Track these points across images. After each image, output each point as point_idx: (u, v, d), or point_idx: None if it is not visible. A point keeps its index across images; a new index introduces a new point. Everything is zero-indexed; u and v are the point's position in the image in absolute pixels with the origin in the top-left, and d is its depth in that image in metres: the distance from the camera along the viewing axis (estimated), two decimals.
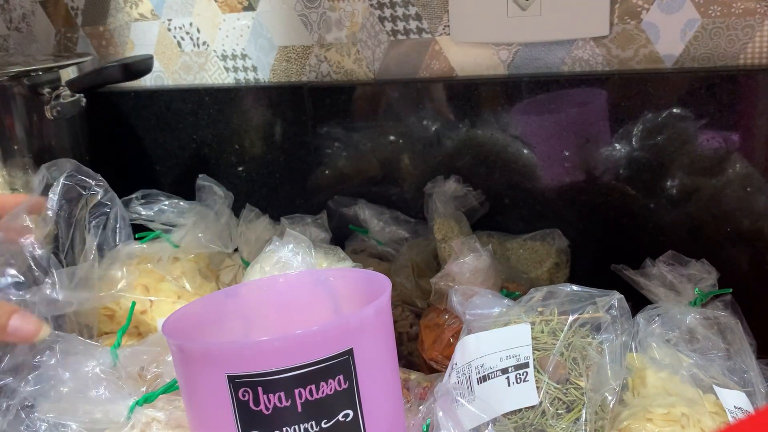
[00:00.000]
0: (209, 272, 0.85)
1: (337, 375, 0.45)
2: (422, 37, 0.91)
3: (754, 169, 0.76)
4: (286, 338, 0.45)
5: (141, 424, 0.58)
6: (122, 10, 1.08)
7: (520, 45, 0.86)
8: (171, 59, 1.07)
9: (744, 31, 0.77)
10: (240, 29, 1.01)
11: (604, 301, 0.57)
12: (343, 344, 0.45)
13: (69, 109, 0.91)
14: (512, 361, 0.56)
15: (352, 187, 0.96)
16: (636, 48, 0.81)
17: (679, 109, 0.78)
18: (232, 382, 0.44)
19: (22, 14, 1.17)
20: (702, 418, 0.54)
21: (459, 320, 0.68)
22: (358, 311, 0.47)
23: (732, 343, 0.64)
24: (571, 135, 0.83)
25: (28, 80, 0.89)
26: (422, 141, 0.91)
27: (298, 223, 0.87)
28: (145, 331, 0.76)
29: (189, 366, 0.47)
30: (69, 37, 1.14)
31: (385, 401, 0.49)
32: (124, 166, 1.11)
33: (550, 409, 0.53)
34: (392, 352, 0.51)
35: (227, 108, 1.01)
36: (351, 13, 0.94)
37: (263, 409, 0.44)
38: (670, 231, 0.81)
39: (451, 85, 0.88)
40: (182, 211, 0.82)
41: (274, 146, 1.00)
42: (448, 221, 0.82)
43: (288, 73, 1.00)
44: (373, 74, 0.95)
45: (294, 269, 0.67)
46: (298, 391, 0.44)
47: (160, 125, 1.06)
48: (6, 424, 0.60)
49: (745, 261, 0.79)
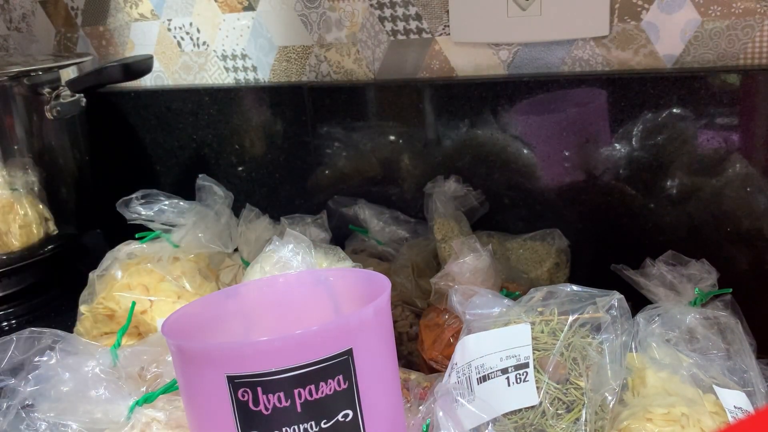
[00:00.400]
0: (209, 272, 0.85)
1: (336, 375, 0.45)
2: (422, 37, 0.91)
3: (754, 169, 0.76)
4: (285, 338, 0.45)
5: (141, 424, 0.58)
6: (122, 10, 1.08)
7: (520, 45, 0.86)
8: (171, 59, 1.07)
9: (744, 31, 0.77)
10: (240, 29, 1.01)
11: (604, 301, 0.57)
12: (342, 344, 0.45)
13: (69, 109, 0.91)
14: (512, 361, 0.55)
15: (352, 187, 0.96)
16: (636, 48, 0.81)
17: (679, 109, 0.78)
18: (232, 383, 0.44)
19: (22, 14, 1.17)
20: (702, 418, 0.54)
21: (459, 320, 0.68)
22: (358, 311, 0.47)
23: (732, 343, 0.64)
24: (571, 135, 0.83)
25: (28, 80, 0.89)
26: (422, 141, 0.91)
27: (298, 223, 0.87)
28: (145, 331, 0.76)
29: (188, 366, 0.47)
30: (69, 37, 1.14)
31: (384, 401, 0.49)
32: (124, 166, 1.11)
33: (550, 409, 0.53)
34: (392, 352, 0.51)
35: (227, 108, 1.01)
36: (351, 13, 0.94)
37: (263, 409, 0.44)
38: (670, 231, 0.81)
39: (451, 85, 0.88)
40: (182, 211, 0.82)
41: (274, 146, 1.00)
42: (448, 221, 0.82)
43: (288, 73, 1.00)
44: (373, 74, 0.95)
45: (294, 269, 0.67)
46: (297, 391, 0.44)
47: (160, 125, 1.06)
48: (6, 424, 0.60)
49: (745, 261, 0.79)
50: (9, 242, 0.92)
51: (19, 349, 0.64)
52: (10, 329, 0.91)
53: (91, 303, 0.79)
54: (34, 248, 0.95)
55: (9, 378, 0.63)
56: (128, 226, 0.82)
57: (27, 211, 0.92)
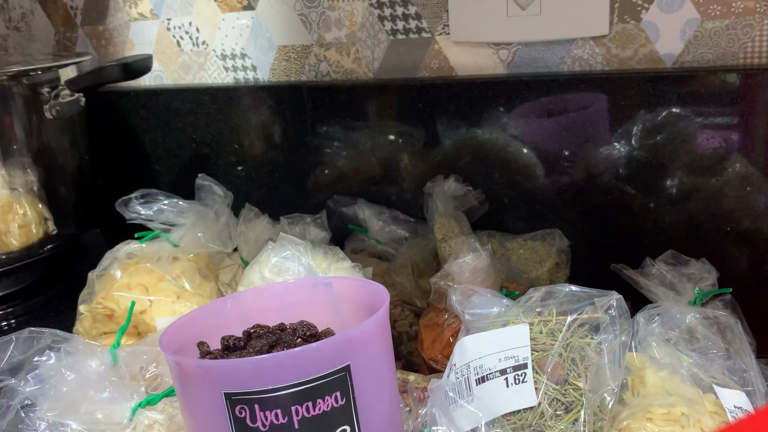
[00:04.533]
0: (209, 272, 0.85)
1: (334, 392, 0.45)
2: (422, 36, 0.91)
3: (754, 168, 0.76)
4: (283, 356, 0.45)
5: (143, 426, 0.58)
6: (121, 10, 1.08)
7: (520, 44, 0.86)
8: (170, 59, 1.07)
9: (744, 30, 0.77)
10: (239, 29, 1.01)
11: (603, 301, 0.57)
12: (339, 361, 0.45)
13: (68, 109, 0.91)
14: (511, 362, 0.55)
15: (352, 186, 0.96)
16: (636, 47, 0.81)
17: (678, 108, 0.78)
18: (229, 399, 0.44)
19: (22, 14, 1.17)
20: (702, 418, 0.54)
21: (459, 320, 0.68)
22: (354, 328, 0.47)
23: (732, 343, 0.64)
24: (570, 134, 0.83)
25: (28, 80, 0.89)
26: (422, 141, 0.91)
27: (298, 222, 0.87)
28: (145, 330, 0.76)
29: (186, 382, 0.46)
30: (68, 37, 1.14)
31: (382, 415, 0.49)
32: (123, 166, 1.11)
33: (549, 410, 0.53)
34: (390, 364, 0.50)
35: (227, 107, 1.01)
36: (350, 12, 0.93)
37: (260, 425, 0.44)
38: (669, 230, 0.81)
39: (451, 84, 0.88)
40: (182, 211, 0.82)
41: (274, 146, 1.00)
42: (448, 221, 0.82)
43: (287, 73, 1.00)
44: (373, 74, 0.95)
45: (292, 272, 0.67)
46: (294, 408, 0.44)
47: (160, 125, 1.06)
48: (6, 424, 0.60)
49: (745, 260, 0.78)
50: (8, 242, 0.92)
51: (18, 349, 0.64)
52: (9, 329, 0.91)
53: (90, 303, 0.79)
54: (33, 248, 0.95)
55: (9, 378, 0.63)
56: (127, 226, 0.82)
57: (26, 210, 0.92)
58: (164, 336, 0.50)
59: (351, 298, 0.55)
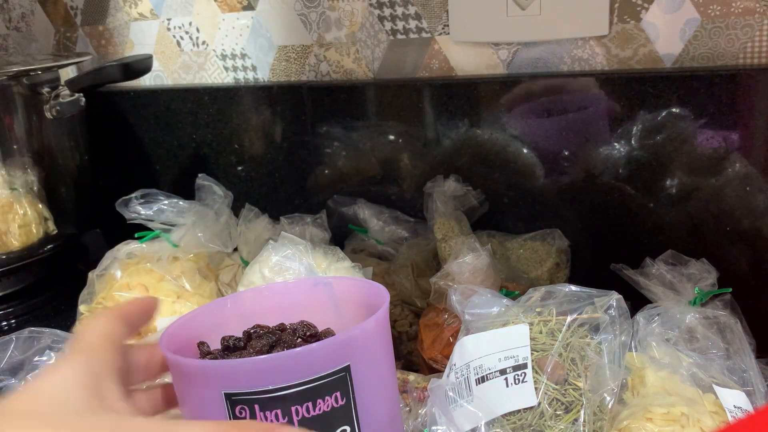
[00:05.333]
0: (209, 272, 0.85)
1: (334, 392, 0.45)
2: (422, 36, 0.91)
3: (754, 168, 0.76)
4: (283, 356, 0.45)
5: None
6: (121, 10, 1.08)
7: (520, 44, 0.86)
8: (170, 59, 1.07)
9: (744, 30, 0.77)
10: (239, 29, 1.01)
11: (603, 301, 0.57)
12: (340, 361, 0.45)
13: (68, 109, 0.91)
14: (510, 361, 0.55)
15: (352, 186, 0.96)
16: (635, 47, 0.81)
17: (678, 108, 0.78)
18: (229, 400, 0.44)
19: (22, 14, 1.17)
20: (702, 418, 0.54)
21: (458, 319, 0.68)
22: (354, 328, 0.47)
23: (731, 343, 0.64)
24: (570, 134, 0.83)
25: (28, 80, 0.89)
26: (422, 140, 0.91)
27: (298, 222, 0.87)
28: (145, 330, 0.76)
29: (186, 382, 0.46)
30: (68, 37, 1.14)
31: (382, 415, 0.49)
32: (123, 166, 1.12)
33: (549, 410, 0.53)
34: (390, 365, 0.50)
35: (227, 107, 1.01)
36: (350, 12, 0.93)
37: None
38: (669, 230, 0.81)
39: (451, 84, 0.88)
40: (182, 211, 0.82)
41: (274, 146, 1.00)
42: (448, 220, 0.82)
43: (287, 73, 1.00)
44: (373, 74, 0.95)
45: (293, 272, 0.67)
46: (294, 408, 0.44)
47: (160, 125, 1.06)
48: None
49: (745, 260, 0.78)
50: (8, 242, 0.92)
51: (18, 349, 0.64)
52: (9, 329, 0.91)
53: (90, 302, 0.79)
54: (33, 248, 0.95)
55: (9, 378, 0.63)
56: (128, 226, 0.82)
57: (26, 210, 0.93)
58: (164, 336, 0.49)
59: (351, 298, 0.55)
